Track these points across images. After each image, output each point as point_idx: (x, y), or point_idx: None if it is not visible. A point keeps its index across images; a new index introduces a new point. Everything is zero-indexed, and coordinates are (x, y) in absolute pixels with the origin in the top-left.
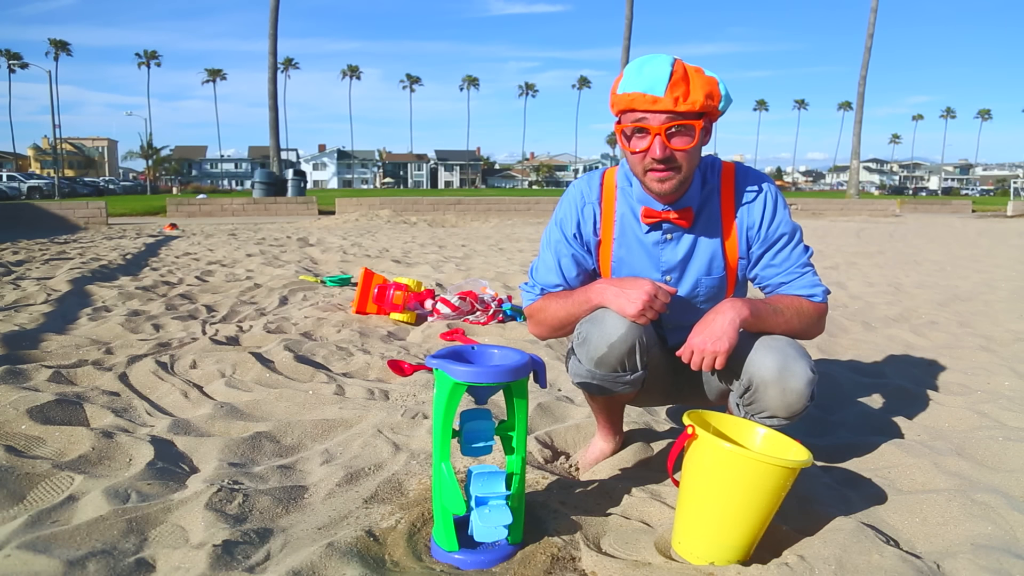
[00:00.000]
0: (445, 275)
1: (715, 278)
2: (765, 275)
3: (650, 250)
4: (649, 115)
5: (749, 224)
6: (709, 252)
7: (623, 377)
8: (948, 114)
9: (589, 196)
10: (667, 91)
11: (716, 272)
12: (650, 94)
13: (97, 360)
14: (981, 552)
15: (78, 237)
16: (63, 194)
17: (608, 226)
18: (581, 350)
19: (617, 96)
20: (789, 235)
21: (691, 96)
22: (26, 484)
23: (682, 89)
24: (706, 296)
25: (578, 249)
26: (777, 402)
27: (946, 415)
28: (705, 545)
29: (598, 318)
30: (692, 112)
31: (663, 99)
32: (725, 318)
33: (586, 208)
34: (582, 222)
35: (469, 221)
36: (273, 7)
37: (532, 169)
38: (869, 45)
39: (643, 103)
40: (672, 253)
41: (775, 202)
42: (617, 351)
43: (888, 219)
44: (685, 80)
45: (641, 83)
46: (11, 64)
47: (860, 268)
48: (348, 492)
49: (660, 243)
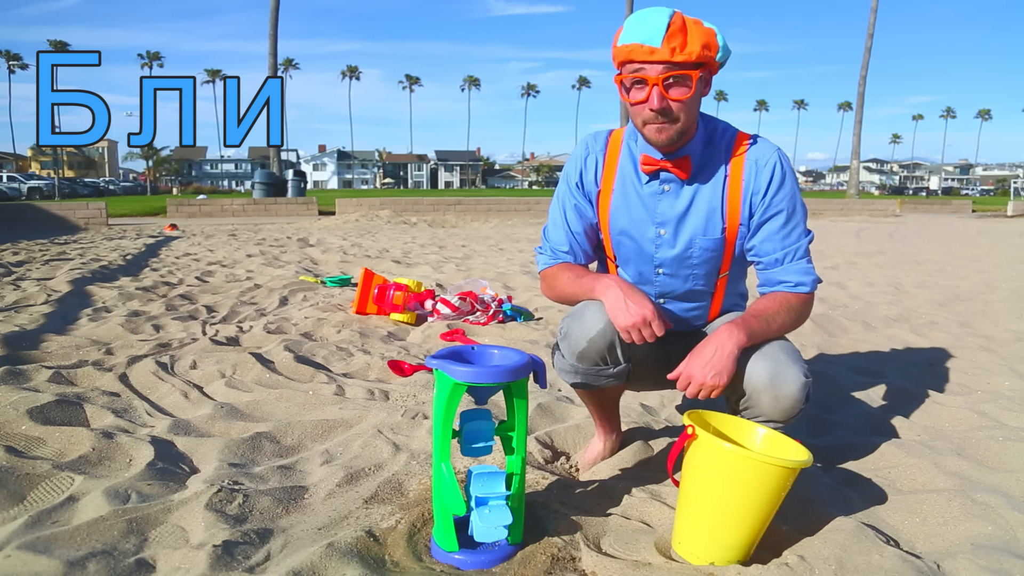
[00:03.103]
0: (445, 275)
1: (711, 239)
2: (762, 249)
3: (647, 201)
4: (647, 66)
5: (755, 189)
6: (707, 209)
7: (606, 370)
8: (948, 114)
9: (594, 147)
10: (664, 42)
11: (712, 233)
12: (647, 45)
13: (97, 361)
14: (981, 552)
15: (78, 238)
16: (63, 195)
17: (609, 176)
18: (563, 344)
19: (617, 48)
20: (791, 211)
21: (688, 47)
22: (26, 484)
23: (679, 40)
24: (700, 259)
25: (580, 199)
26: (771, 408)
27: (946, 415)
28: (705, 545)
29: (579, 312)
30: (689, 62)
31: (660, 50)
32: (723, 351)
33: (589, 158)
34: (584, 171)
35: (469, 221)
36: (273, 7)
37: (532, 169)
38: (869, 45)
39: (641, 54)
40: (669, 206)
41: (784, 173)
42: (597, 345)
43: (888, 219)
44: (682, 31)
45: (639, 34)
46: (11, 65)
47: (860, 268)
48: (348, 492)
49: (657, 194)
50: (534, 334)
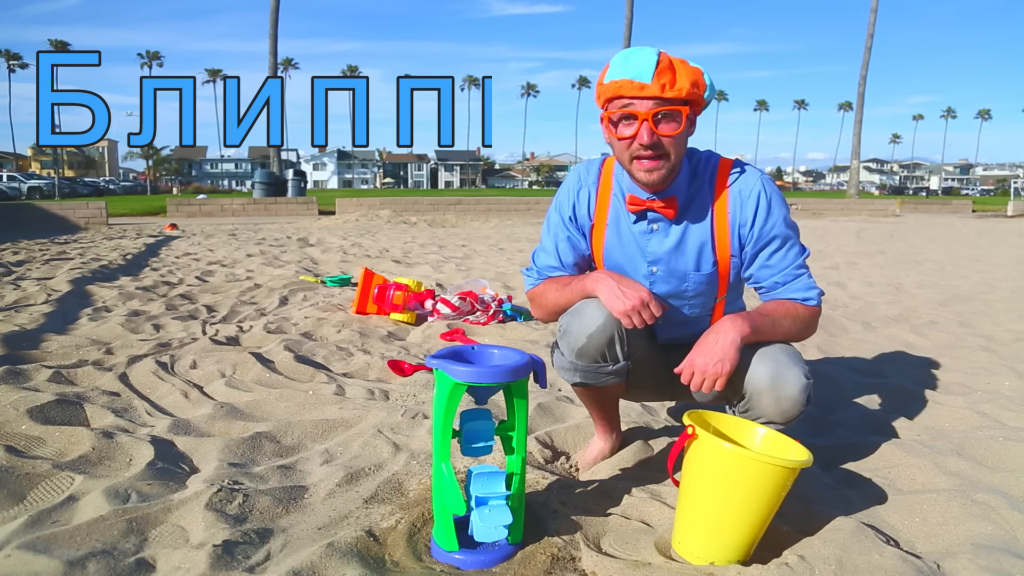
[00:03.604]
0: (445, 275)
1: (704, 274)
2: (760, 276)
3: (638, 239)
4: (636, 101)
5: (741, 222)
6: (697, 246)
7: (605, 368)
8: (948, 114)
9: (586, 180)
10: (654, 78)
11: (704, 268)
12: (637, 80)
13: (97, 360)
14: (981, 552)
15: (78, 237)
16: (63, 194)
17: (603, 210)
18: (563, 341)
19: (604, 85)
20: (784, 236)
21: (678, 83)
22: (26, 484)
23: (668, 76)
24: (695, 292)
25: (573, 232)
26: (772, 409)
27: (946, 415)
28: (705, 545)
29: (578, 309)
30: (679, 98)
31: (650, 85)
32: (726, 339)
33: (581, 191)
34: (577, 204)
35: (469, 221)
36: (273, 7)
37: (532, 169)
38: (869, 45)
39: (630, 90)
40: (658, 244)
41: (769, 201)
42: (596, 341)
43: (888, 219)
44: (671, 68)
45: (628, 71)
46: (11, 65)
47: (860, 268)
48: (348, 492)
49: (646, 233)
50: (534, 334)
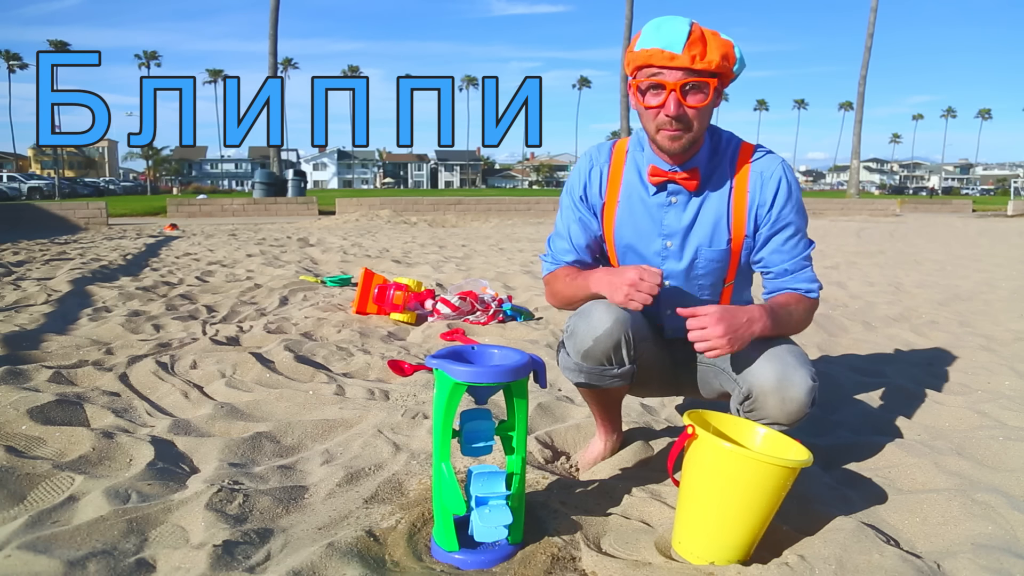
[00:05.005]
0: (445, 275)
1: (716, 251)
2: (771, 260)
3: (654, 213)
4: (666, 71)
5: (760, 202)
6: (712, 221)
7: (610, 371)
8: (948, 114)
9: (598, 159)
10: (685, 49)
11: (717, 244)
12: (668, 51)
13: (97, 360)
14: (981, 552)
15: (78, 237)
16: (63, 194)
17: (614, 188)
18: (569, 343)
19: (634, 53)
20: (798, 224)
21: (708, 55)
22: (26, 484)
23: (699, 48)
24: (705, 270)
25: (585, 213)
26: (777, 410)
27: (946, 415)
28: (705, 545)
29: (585, 311)
30: (708, 71)
31: (680, 56)
32: (749, 329)
33: (593, 170)
34: (588, 184)
35: (469, 221)
36: (273, 7)
37: (532, 169)
38: (869, 45)
39: (660, 59)
40: (675, 218)
41: (789, 186)
42: (603, 344)
43: (888, 219)
44: (702, 40)
45: (660, 40)
46: (11, 65)
47: (860, 268)
48: (348, 492)
49: (664, 206)
50: (534, 334)
